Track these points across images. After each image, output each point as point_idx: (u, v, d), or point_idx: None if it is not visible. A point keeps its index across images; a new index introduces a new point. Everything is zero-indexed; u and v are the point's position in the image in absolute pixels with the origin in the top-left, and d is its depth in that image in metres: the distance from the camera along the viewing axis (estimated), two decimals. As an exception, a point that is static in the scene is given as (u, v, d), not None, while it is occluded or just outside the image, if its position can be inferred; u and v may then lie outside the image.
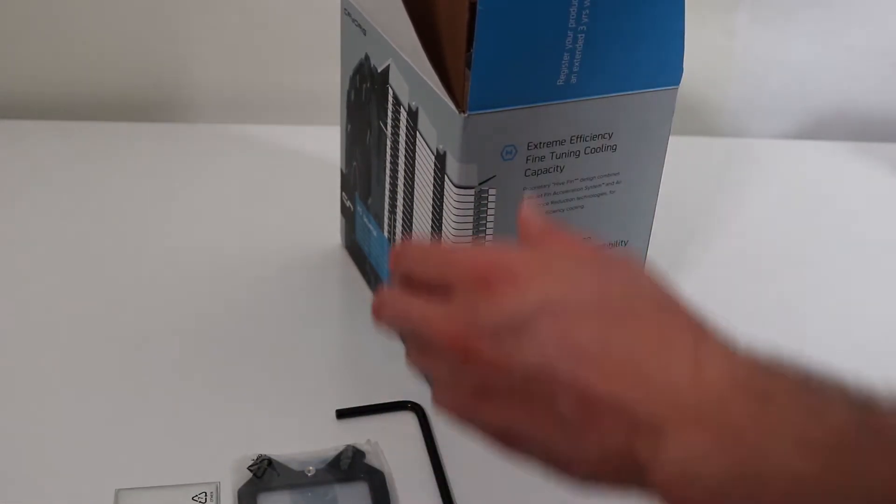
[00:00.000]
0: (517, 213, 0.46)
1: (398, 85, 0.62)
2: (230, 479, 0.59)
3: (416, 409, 0.66)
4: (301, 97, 1.01)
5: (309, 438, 0.63)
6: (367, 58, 0.66)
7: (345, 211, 0.77)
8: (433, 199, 0.60)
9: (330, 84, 0.76)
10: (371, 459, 0.61)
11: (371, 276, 0.74)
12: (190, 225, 0.82)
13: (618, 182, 0.62)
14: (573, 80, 0.56)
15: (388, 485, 0.60)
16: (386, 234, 0.69)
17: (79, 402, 0.64)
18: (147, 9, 0.94)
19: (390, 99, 0.63)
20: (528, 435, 0.42)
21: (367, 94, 0.67)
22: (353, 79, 0.70)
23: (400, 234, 0.66)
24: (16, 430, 0.62)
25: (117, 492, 0.58)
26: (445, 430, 0.64)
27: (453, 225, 0.59)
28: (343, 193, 0.76)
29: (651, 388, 0.39)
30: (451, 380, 0.44)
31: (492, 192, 0.58)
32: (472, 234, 0.59)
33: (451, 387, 0.45)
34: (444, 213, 0.60)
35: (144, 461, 0.61)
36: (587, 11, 0.54)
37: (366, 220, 0.72)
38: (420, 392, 0.67)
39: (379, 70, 0.64)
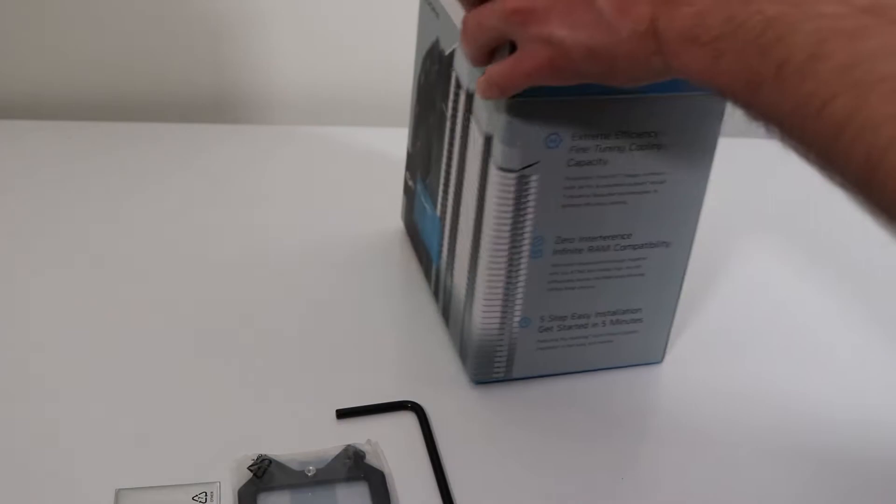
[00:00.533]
0: None
1: (461, 68, 0.63)
2: (230, 479, 0.59)
3: (416, 409, 0.66)
4: (303, 96, 1.01)
5: (309, 438, 0.63)
6: (437, 41, 0.68)
7: (407, 189, 0.79)
8: (479, 182, 0.61)
9: (332, 83, 0.76)
10: (371, 459, 0.61)
11: (422, 253, 0.75)
12: (181, 225, 0.82)
13: (662, 182, 0.62)
14: None
15: (388, 485, 0.60)
16: (438, 212, 0.70)
17: (79, 401, 0.64)
18: (147, 9, 0.94)
19: (453, 82, 0.64)
20: (573, 43, 0.50)
21: (434, 76, 0.69)
22: (424, 61, 0.71)
23: (451, 214, 0.67)
24: (16, 429, 0.62)
25: (117, 492, 0.58)
26: (445, 430, 0.65)
27: (494, 207, 0.60)
28: (407, 172, 0.78)
29: None
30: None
31: (534, 177, 0.59)
32: (512, 219, 0.60)
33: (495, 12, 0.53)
34: (486, 196, 0.60)
35: (144, 461, 0.61)
36: None
37: (423, 198, 0.74)
38: (420, 392, 0.67)
39: (446, 53, 0.66)
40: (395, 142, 0.83)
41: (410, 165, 0.77)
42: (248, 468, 0.59)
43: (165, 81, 0.99)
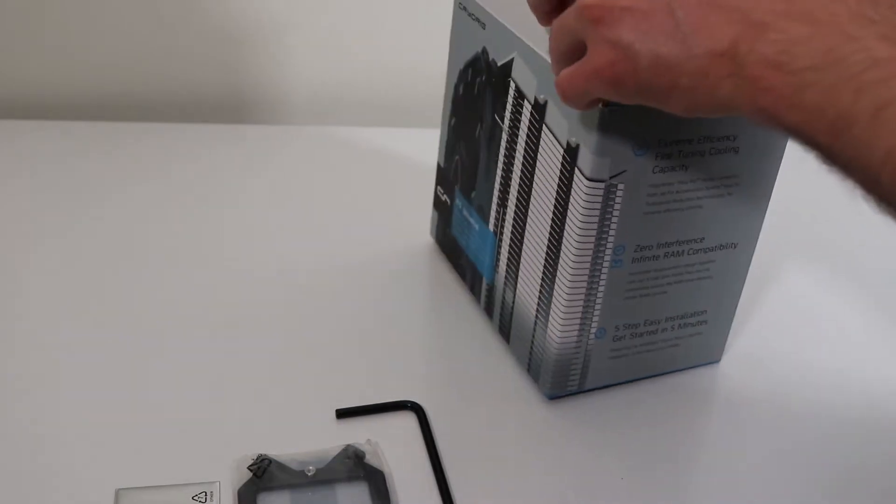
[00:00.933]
0: None
1: (523, 78, 0.63)
2: (230, 479, 0.59)
3: (416, 409, 0.66)
4: (305, 96, 1.01)
5: (309, 438, 0.63)
6: (483, 52, 0.67)
7: (439, 204, 0.78)
8: (557, 193, 0.61)
9: (334, 84, 0.76)
10: (371, 459, 0.61)
11: (467, 269, 0.75)
12: (182, 225, 0.82)
13: (736, 184, 0.62)
14: None
15: (388, 485, 0.60)
16: (492, 227, 0.69)
17: (79, 401, 0.64)
18: (148, 8, 0.95)
19: (511, 92, 0.64)
20: (641, 49, 0.47)
21: (480, 87, 0.68)
22: (463, 73, 0.71)
23: (511, 229, 0.67)
24: (16, 429, 0.62)
25: (117, 492, 0.58)
26: (445, 430, 0.65)
27: (580, 218, 0.59)
28: (438, 187, 0.77)
29: None
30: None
31: (620, 186, 0.59)
32: (598, 229, 0.60)
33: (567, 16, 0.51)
34: (569, 206, 0.60)
35: (144, 461, 0.61)
36: None
37: (466, 213, 0.73)
38: (420, 392, 0.67)
39: (499, 63, 0.65)
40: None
41: (444, 181, 0.76)
42: (248, 468, 0.59)
43: (166, 81, 0.99)
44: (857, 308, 0.80)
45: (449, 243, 0.77)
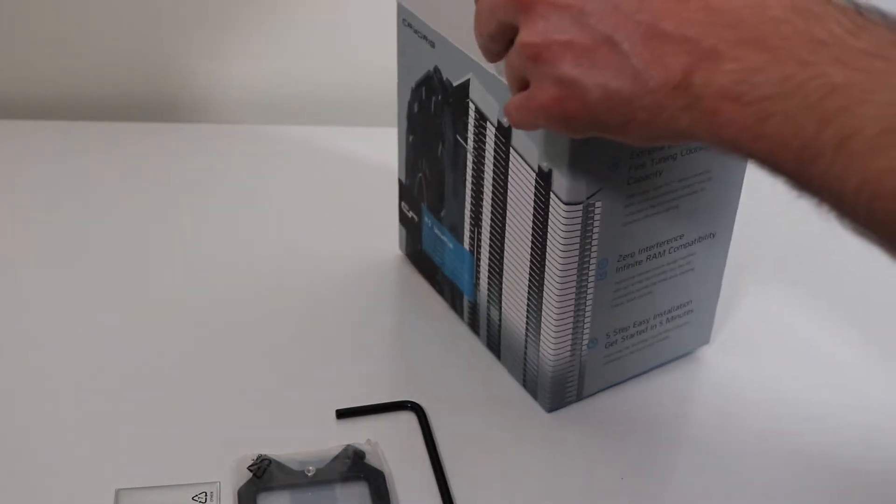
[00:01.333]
0: None
1: (482, 99, 0.61)
2: (230, 479, 0.59)
3: (416, 409, 0.66)
4: (309, 95, 1.01)
5: (309, 438, 0.63)
6: (436, 70, 0.65)
7: (406, 220, 0.77)
8: (534, 216, 0.60)
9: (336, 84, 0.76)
10: (371, 459, 0.61)
11: (445, 285, 0.73)
12: (182, 225, 0.82)
13: (709, 179, 0.62)
14: None
15: (388, 485, 0.60)
16: (467, 246, 0.68)
17: (79, 401, 0.64)
18: (148, 8, 0.94)
19: (472, 114, 0.63)
20: (590, 84, 0.46)
21: (437, 106, 0.67)
22: (416, 91, 0.69)
23: (488, 248, 0.66)
24: (16, 429, 0.62)
25: (117, 492, 0.58)
26: (445, 430, 0.65)
27: (561, 241, 0.58)
28: (403, 203, 0.76)
29: (714, 18, 0.42)
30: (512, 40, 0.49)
31: (598, 204, 0.58)
32: (579, 249, 0.59)
33: (515, 48, 0.49)
34: (548, 230, 0.59)
35: (144, 461, 0.61)
36: None
37: (437, 231, 0.72)
38: (420, 392, 0.67)
39: (455, 84, 0.64)
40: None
41: (408, 197, 0.75)
42: (248, 468, 0.59)
43: (167, 81, 0.99)
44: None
45: (422, 260, 0.76)
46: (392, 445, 0.63)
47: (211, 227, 0.82)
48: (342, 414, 0.65)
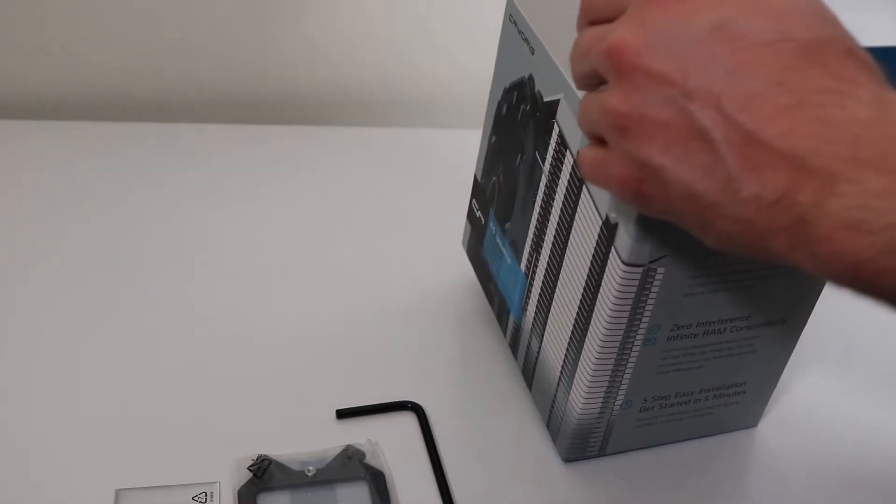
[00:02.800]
0: None
1: (568, 126, 0.56)
2: (230, 479, 0.59)
3: (416, 409, 0.66)
4: (310, 97, 1.01)
5: (309, 438, 0.63)
6: (530, 78, 0.60)
7: (473, 219, 0.73)
8: (591, 265, 0.56)
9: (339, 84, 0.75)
10: (371, 459, 0.61)
11: (495, 296, 0.70)
12: (182, 225, 0.82)
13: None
14: None
15: (388, 485, 0.60)
16: (524, 268, 0.64)
17: (79, 401, 0.64)
18: (149, 8, 0.94)
19: (555, 136, 0.58)
20: (674, 178, 0.41)
21: (524, 115, 0.62)
22: (508, 93, 0.64)
23: (542, 278, 0.62)
24: (16, 429, 0.62)
25: (117, 492, 0.58)
26: (445, 430, 0.65)
27: (611, 300, 0.54)
28: (474, 200, 0.72)
29: (827, 133, 0.37)
30: (600, 105, 0.44)
31: (660, 270, 0.53)
32: (630, 312, 0.55)
33: (597, 117, 0.44)
34: (602, 284, 0.55)
35: (144, 461, 0.61)
36: None
37: (499, 241, 0.68)
38: (420, 392, 0.67)
39: (545, 99, 0.59)
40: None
41: (479, 196, 0.71)
42: (248, 468, 0.59)
43: (167, 81, 0.99)
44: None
45: (480, 263, 0.72)
46: (392, 445, 0.63)
47: (211, 226, 0.82)
48: (342, 414, 0.65)
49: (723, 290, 0.56)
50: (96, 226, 0.81)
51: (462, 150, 0.88)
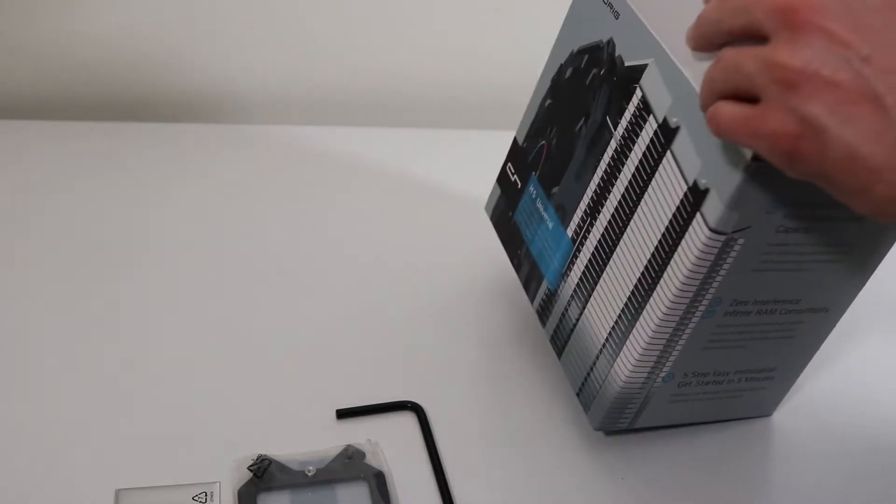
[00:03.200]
0: None
1: (654, 90, 0.56)
2: (230, 479, 0.59)
3: (416, 409, 0.66)
4: (309, 96, 1.01)
5: (309, 438, 0.63)
6: (609, 43, 0.60)
7: (506, 182, 0.71)
8: (667, 230, 0.56)
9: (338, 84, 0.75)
10: (371, 459, 0.61)
11: (524, 262, 0.69)
12: (183, 225, 0.82)
13: (849, 252, 0.58)
14: None
15: (388, 485, 0.60)
16: (570, 233, 0.63)
17: (79, 401, 0.64)
18: (149, 8, 0.94)
19: (635, 101, 0.58)
20: (837, 138, 0.41)
21: (595, 79, 0.62)
22: (576, 56, 0.64)
23: (595, 245, 0.61)
24: (16, 429, 0.62)
25: (117, 492, 0.58)
26: (445, 430, 0.65)
27: (688, 267, 0.54)
28: (509, 164, 0.71)
29: None
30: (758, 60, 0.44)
31: (739, 241, 0.54)
32: (702, 281, 0.55)
33: (757, 68, 0.44)
34: (678, 250, 0.55)
35: (144, 461, 0.61)
36: None
37: (539, 206, 0.67)
38: (420, 392, 0.67)
39: (626, 63, 0.59)
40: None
41: (518, 160, 0.69)
42: (248, 468, 0.59)
43: (167, 81, 0.99)
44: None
45: (508, 228, 0.70)
46: (392, 445, 0.63)
47: (211, 225, 0.82)
48: (342, 414, 0.65)
49: (783, 270, 0.57)
50: (96, 225, 0.80)
51: (464, 150, 0.88)
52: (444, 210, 0.85)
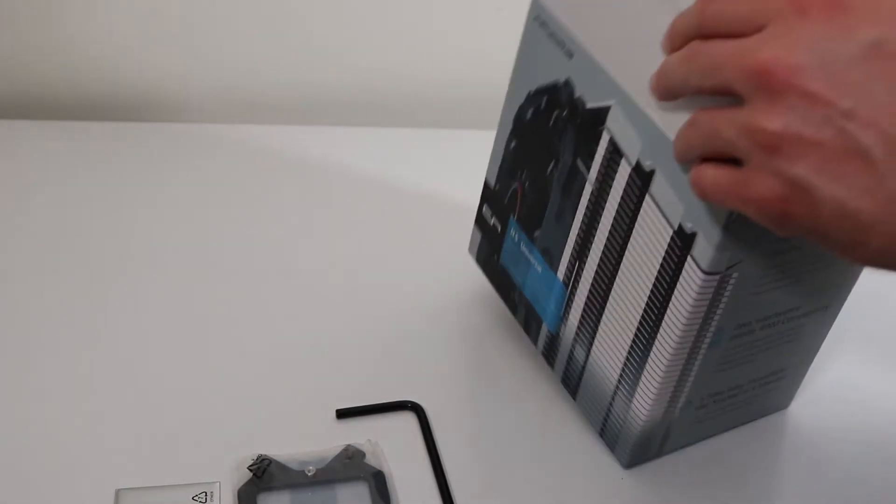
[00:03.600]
0: None
1: (622, 133, 0.55)
2: (230, 479, 0.59)
3: (416, 409, 0.66)
4: (309, 97, 1.01)
5: (309, 438, 0.63)
6: (567, 84, 0.59)
7: (484, 225, 0.71)
8: (660, 273, 0.55)
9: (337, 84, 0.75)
10: (371, 459, 0.61)
11: (520, 305, 0.69)
12: (183, 225, 0.82)
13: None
14: None
15: (388, 485, 0.60)
16: (561, 277, 0.63)
17: (79, 401, 0.64)
18: (150, 8, 0.94)
19: (604, 144, 0.57)
20: (828, 197, 0.40)
21: (559, 122, 0.61)
22: (533, 97, 0.63)
23: (589, 287, 0.61)
24: (16, 429, 0.62)
25: (117, 492, 0.58)
26: (445, 430, 0.65)
27: (688, 309, 0.54)
28: (485, 206, 0.70)
29: None
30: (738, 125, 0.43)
31: (734, 275, 0.54)
32: (703, 318, 0.55)
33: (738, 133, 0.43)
34: (675, 293, 0.55)
35: (144, 461, 0.61)
36: None
37: (524, 249, 0.66)
38: (420, 392, 0.67)
39: (588, 105, 0.57)
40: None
41: (494, 203, 0.69)
42: (248, 468, 0.60)
43: (167, 81, 0.99)
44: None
45: (497, 271, 0.70)
46: (392, 445, 0.63)
47: (211, 226, 0.82)
48: (342, 414, 0.65)
49: (781, 287, 0.57)
50: (96, 225, 0.80)
51: (465, 150, 0.88)
52: (445, 210, 0.85)
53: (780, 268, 0.56)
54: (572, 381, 0.66)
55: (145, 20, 0.95)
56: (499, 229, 0.69)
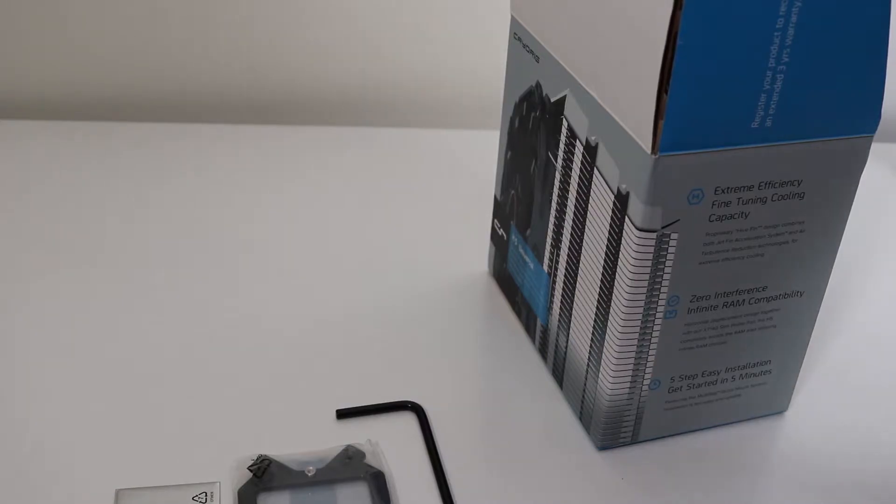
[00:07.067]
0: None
1: (575, 117, 0.59)
2: (230, 479, 0.59)
3: (416, 409, 0.66)
4: (313, 97, 1.01)
5: (309, 438, 0.63)
6: (538, 86, 0.64)
7: (496, 239, 0.74)
8: (608, 240, 0.58)
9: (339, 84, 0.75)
10: (371, 459, 0.61)
11: (522, 307, 0.72)
12: (183, 225, 0.82)
13: (801, 231, 0.58)
14: (768, 122, 0.53)
15: (388, 485, 0.60)
16: (546, 268, 0.66)
17: (79, 402, 0.65)
18: (150, 8, 0.95)
19: (564, 131, 0.61)
20: None
21: (534, 122, 0.65)
22: (518, 106, 0.68)
23: (563, 271, 0.64)
24: (16, 429, 0.62)
25: (117, 492, 0.58)
26: (445, 430, 0.65)
27: (630, 269, 0.56)
28: (496, 220, 0.74)
29: None
30: None
31: (673, 236, 0.55)
32: (649, 281, 0.56)
33: None
34: (620, 256, 0.57)
35: (144, 461, 0.61)
36: (788, 50, 0.51)
37: (521, 251, 0.70)
38: (420, 392, 0.67)
39: (552, 100, 0.62)
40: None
41: (500, 214, 0.73)
42: (248, 468, 0.60)
43: (167, 81, 0.99)
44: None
45: (506, 280, 0.74)
46: (392, 445, 0.63)
47: (210, 226, 0.82)
48: (342, 414, 0.65)
49: (736, 258, 0.58)
50: (96, 226, 0.81)
51: (467, 150, 0.88)
52: (446, 210, 0.85)
53: (729, 236, 0.57)
54: (558, 371, 0.67)
55: (145, 20, 0.95)
56: (505, 238, 0.73)
